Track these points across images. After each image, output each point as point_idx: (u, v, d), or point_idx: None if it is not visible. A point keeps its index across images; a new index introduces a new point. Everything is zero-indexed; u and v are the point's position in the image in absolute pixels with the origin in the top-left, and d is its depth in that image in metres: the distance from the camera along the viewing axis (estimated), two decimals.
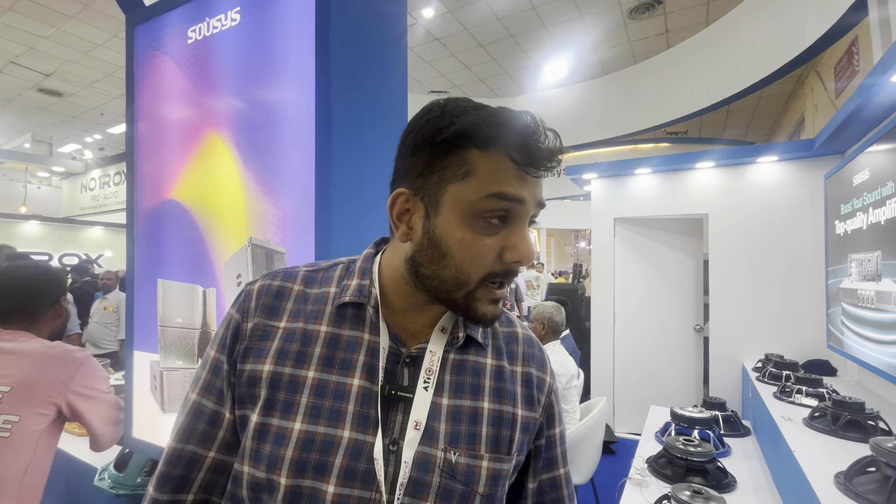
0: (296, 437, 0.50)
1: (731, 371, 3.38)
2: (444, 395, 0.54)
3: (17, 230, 7.66)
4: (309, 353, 0.53)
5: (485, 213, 0.49)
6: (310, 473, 0.49)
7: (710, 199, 3.52)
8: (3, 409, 0.98)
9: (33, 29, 5.55)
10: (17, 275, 1.16)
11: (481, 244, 0.49)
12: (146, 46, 1.22)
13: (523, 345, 0.62)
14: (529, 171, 0.49)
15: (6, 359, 1.04)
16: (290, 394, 0.52)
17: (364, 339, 0.54)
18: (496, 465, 0.53)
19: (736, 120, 8.11)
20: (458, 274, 0.50)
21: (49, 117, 8.29)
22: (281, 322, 0.55)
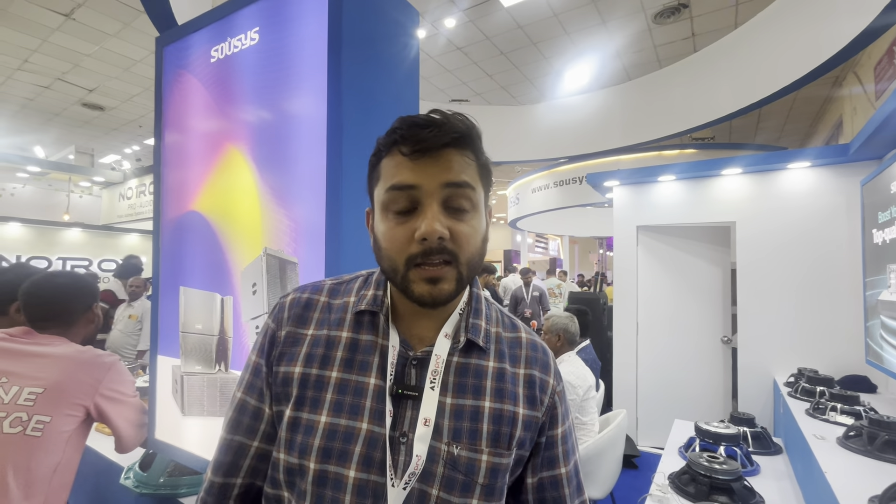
0: (322, 428, 0.57)
1: (762, 385, 3.24)
2: (448, 395, 0.59)
3: (60, 237, 8.09)
4: (332, 356, 0.60)
5: (390, 206, 0.56)
6: (334, 460, 0.56)
7: (737, 206, 3.41)
8: (36, 410, 1.03)
9: (78, 48, 5.88)
10: (54, 283, 1.22)
11: (395, 231, 0.56)
12: (174, 65, 1.29)
13: (526, 349, 0.66)
14: (415, 155, 0.54)
15: (41, 362, 1.10)
16: (316, 391, 0.59)
17: (378, 344, 0.61)
18: (496, 458, 0.58)
19: (768, 124, 7.84)
20: (390, 262, 0.57)
21: (91, 130, 8.75)
22: (309, 330, 0.63)
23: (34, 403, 1.04)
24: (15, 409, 1.01)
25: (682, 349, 3.78)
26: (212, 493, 0.63)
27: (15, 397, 1.03)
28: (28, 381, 1.05)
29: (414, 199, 0.55)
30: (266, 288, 1.02)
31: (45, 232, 7.86)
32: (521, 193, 8.99)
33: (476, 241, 0.57)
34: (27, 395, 1.04)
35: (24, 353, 1.10)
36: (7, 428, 0.99)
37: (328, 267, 0.92)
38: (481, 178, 0.59)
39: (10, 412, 1.01)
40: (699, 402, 3.70)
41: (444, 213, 0.55)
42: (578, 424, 2.32)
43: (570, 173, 7.66)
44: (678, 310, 3.81)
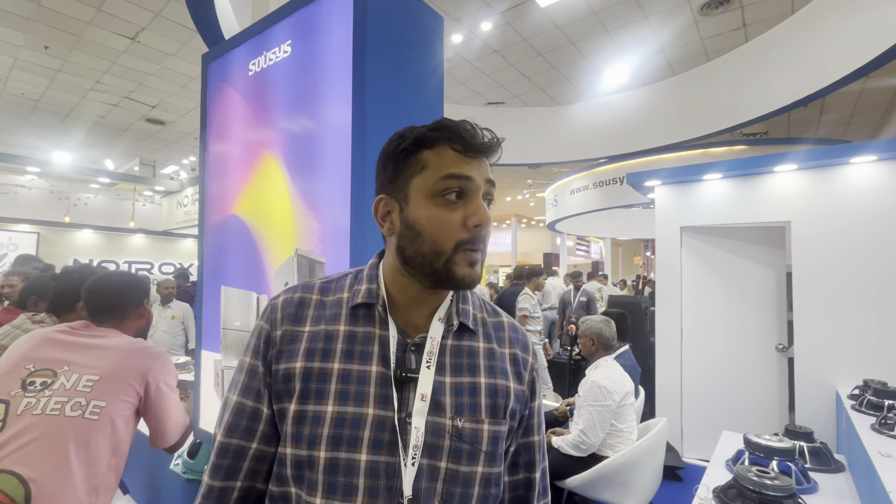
0: (329, 417, 0.59)
1: (823, 397, 3.00)
2: (447, 375, 0.64)
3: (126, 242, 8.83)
4: (332, 349, 0.63)
5: (442, 192, 0.60)
6: (344, 446, 0.58)
7: (793, 204, 3.19)
8: (93, 396, 1.13)
9: (142, 68, 6.39)
10: (110, 280, 1.34)
11: (446, 217, 0.60)
12: (217, 80, 1.38)
13: (509, 331, 0.72)
14: (468, 154, 0.61)
15: (97, 352, 1.21)
16: (320, 383, 0.61)
17: (376, 334, 0.64)
18: (495, 427, 0.64)
19: (831, 116, 7.27)
20: (433, 246, 0.60)
21: (153, 143, 9.46)
22: (305, 327, 0.65)
23: (91, 389, 1.14)
24: (75, 395, 1.12)
25: (731, 357, 3.57)
26: (210, 498, 0.64)
27: (75, 384, 1.14)
28: (86, 370, 1.16)
29: (466, 190, 0.61)
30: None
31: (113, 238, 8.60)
32: (560, 195, 8.82)
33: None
34: (85, 382, 1.14)
35: (83, 344, 1.22)
36: (68, 412, 1.10)
37: (353, 266, 0.95)
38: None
39: (71, 397, 1.12)
40: (751, 414, 3.47)
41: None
42: (614, 432, 2.24)
43: (611, 173, 7.44)
44: (727, 315, 3.60)
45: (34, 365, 1.16)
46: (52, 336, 1.22)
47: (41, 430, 1.06)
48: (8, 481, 0.99)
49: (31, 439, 1.04)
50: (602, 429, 2.19)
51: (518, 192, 13.82)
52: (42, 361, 1.17)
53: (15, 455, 1.02)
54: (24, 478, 1.00)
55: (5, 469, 1.00)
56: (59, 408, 1.09)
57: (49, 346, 1.20)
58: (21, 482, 0.99)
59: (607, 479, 2.14)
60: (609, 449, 2.24)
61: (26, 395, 1.10)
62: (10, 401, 1.10)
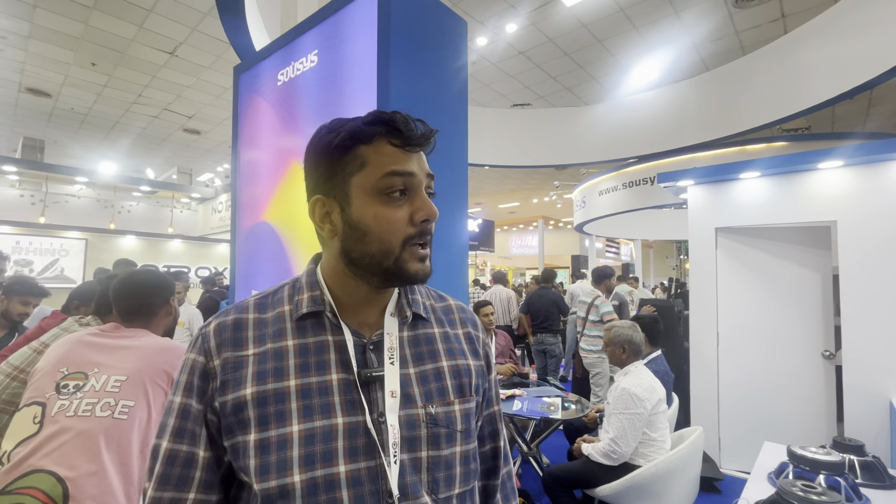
0: (297, 437, 0.56)
1: (875, 408, 2.81)
2: (410, 366, 0.64)
3: (165, 247, 9.26)
4: (284, 366, 0.59)
5: (386, 190, 0.59)
6: (319, 463, 0.56)
7: (839, 203, 3.02)
8: (122, 396, 1.17)
9: (180, 80, 6.68)
10: (137, 280, 1.37)
11: (392, 215, 0.59)
12: (247, 90, 1.43)
13: (457, 312, 0.74)
14: (407, 148, 0.60)
15: (124, 353, 1.24)
16: (279, 405, 0.57)
17: (330, 341, 0.62)
18: (465, 405, 0.66)
19: (882, 109, 6.85)
20: (381, 245, 0.59)
21: (190, 152, 9.87)
22: (249, 350, 0.60)
23: (119, 390, 1.18)
24: (104, 396, 1.16)
25: (772, 364, 3.40)
26: None
27: (104, 385, 1.18)
28: (114, 371, 1.20)
29: (409, 186, 0.60)
30: None
31: (154, 243, 9.04)
32: (588, 196, 8.66)
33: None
34: (113, 383, 1.18)
35: (112, 346, 1.27)
36: (98, 412, 1.14)
37: None
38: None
39: (101, 398, 1.16)
40: (794, 424, 3.29)
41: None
42: (647, 440, 2.17)
43: (641, 174, 7.24)
44: (767, 320, 3.43)
45: (68, 368, 1.21)
46: (84, 339, 1.28)
47: (74, 430, 1.10)
48: (46, 480, 1.03)
49: (65, 440, 1.09)
50: (633, 438, 2.13)
51: (545, 194, 13.66)
52: (75, 364, 1.22)
53: (52, 455, 1.07)
54: (62, 476, 1.04)
55: (43, 469, 1.05)
56: (90, 409, 1.14)
57: (81, 349, 1.25)
58: (59, 481, 1.04)
59: (640, 489, 2.07)
60: (641, 458, 2.17)
61: (60, 398, 1.16)
62: (46, 403, 1.15)
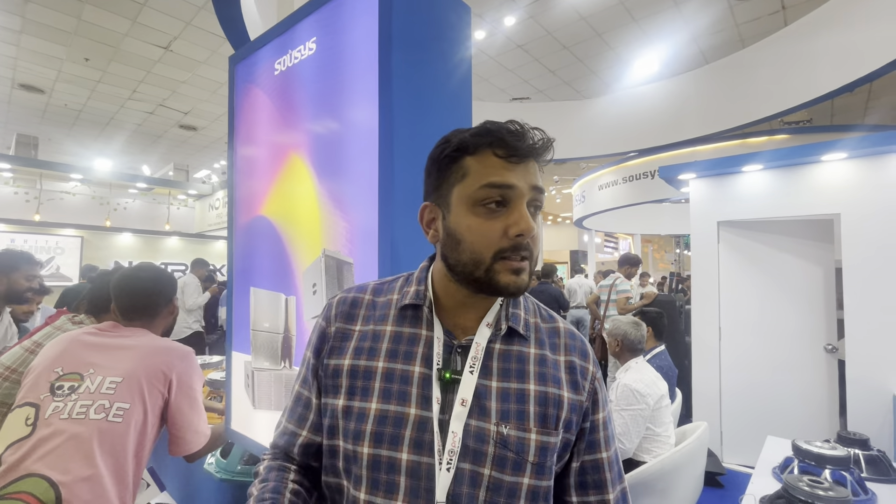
0: (373, 414, 0.61)
1: (877, 401, 2.80)
2: (493, 379, 0.63)
3: (161, 244, 9.19)
4: (378, 348, 0.65)
5: (483, 201, 0.59)
6: (386, 444, 0.60)
7: (842, 196, 2.99)
8: (117, 398, 1.13)
9: (175, 76, 6.61)
10: (140, 277, 1.32)
11: (486, 226, 0.59)
12: (244, 81, 1.39)
13: (565, 337, 0.70)
14: (512, 160, 0.59)
15: (121, 353, 1.20)
16: (366, 381, 0.63)
17: (422, 335, 0.65)
18: (544, 437, 0.61)
19: (881, 101, 6.83)
20: (472, 255, 0.60)
21: (187, 148, 9.79)
22: (357, 326, 0.68)
23: (115, 391, 1.13)
24: (99, 398, 1.12)
25: (774, 358, 3.38)
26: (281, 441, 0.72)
27: (99, 386, 1.14)
28: (109, 372, 1.16)
29: (507, 198, 0.59)
30: (325, 288, 1.05)
31: (151, 240, 8.96)
32: (588, 191, 8.63)
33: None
34: (108, 385, 1.14)
35: (108, 345, 1.22)
36: (93, 414, 1.10)
37: (381, 266, 0.93)
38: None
39: (96, 400, 1.12)
40: (797, 418, 3.29)
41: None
42: (651, 436, 2.15)
43: (641, 167, 7.21)
44: (769, 314, 3.42)
45: (63, 368, 1.17)
46: (80, 338, 1.23)
47: (68, 433, 1.07)
48: (38, 484, 1.00)
49: (59, 443, 1.05)
50: (637, 434, 2.11)
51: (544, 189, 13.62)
52: (70, 364, 1.17)
53: (45, 459, 1.03)
54: (54, 481, 1.01)
55: (35, 472, 1.01)
56: (84, 411, 1.10)
57: (77, 349, 1.21)
58: (51, 485, 1.01)
59: (645, 485, 2.05)
60: (646, 454, 2.15)
61: (54, 400, 1.12)
62: (39, 405, 1.12)
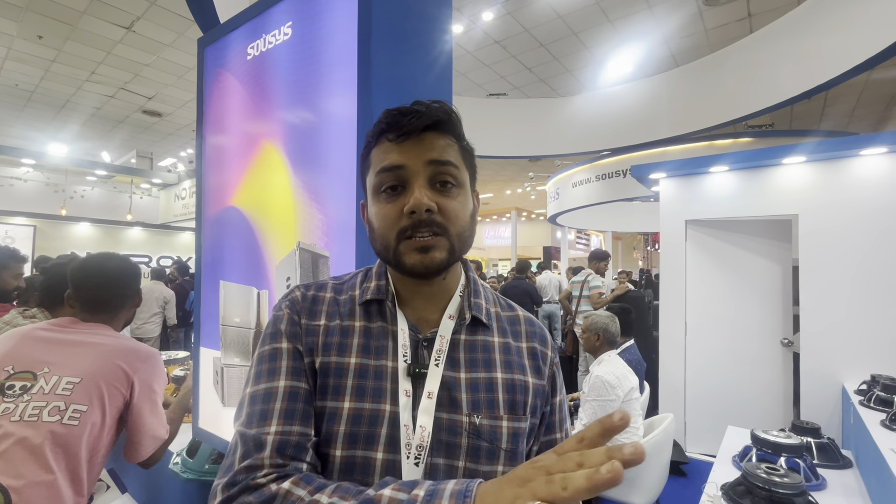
0: (346, 414, 0.58)
1: (828, 392, 2.97)
2: (461, 371, 0.62)
3: (123, 235, 8.77)
4: (349, 343, 0.62)
5: (380, 188, 0.60)
6: (360, 444, 0.57)
7: (800, 198, 3.14)
8: (73, 399, 1.05)
9: (139, 58, 6.28)
10: (106, 268, 1.22)
11: (386, 209, 0.59)
12: (214, 65, 1.32)
13: (525, 324, 0.70)
14: (400, 139, 0.58)
15: (80, 351, 1.12)
16: (337, 378, 0.60)
17: (389, 329, 0.63)
18: (514, 424, 0.62)
19: (835, 109, 7.21)
20: (382, 240, 0.60)
21: (151, 135, 9.35)
22: (321, 321, 0.64)
23: (71, 393, 1.06)
24: (54, 399, 1.05)
25: (735, 351, 3.54)
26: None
27: (54, 387, 1.06)
28: (66, 371, 1.08)
29: (402, 179, 0.58)
30: (299, 281, 1.02)
31: (111, 231, 8.54)
32: (562, 188, 8.76)
33: (464, 216, 0.61)
34: (65, 385, 1.06)
35: (65, 342, 1.13)
36: (46, 416, 1.03)
37: (359, 260, 0.90)
38: (464, 159, 0.63)
39: (50, 402, 1.04)
40: (755, 409, 3.45)
41: (431, 189, 0.59)
42: None
43: (613, 166, 7.37)
44: (732, 309, 3.57)
45: (14, 367, 1.09)
46: (33, 334, 1.15)
47: (17, 436, 1.00)
48: None
49: (7, 447, 0.99)
50: None
51: (519, 185, 13.75)
52: (22, 362, 1.09)
53: None
54: (4, 486, 0.95)
55: None
56: (36, 413, 1.03)
57: (30, 346, 1.12)
58: (1, 491, 0.95)
59: None
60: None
61: (4, 401, 1.04)
62: None
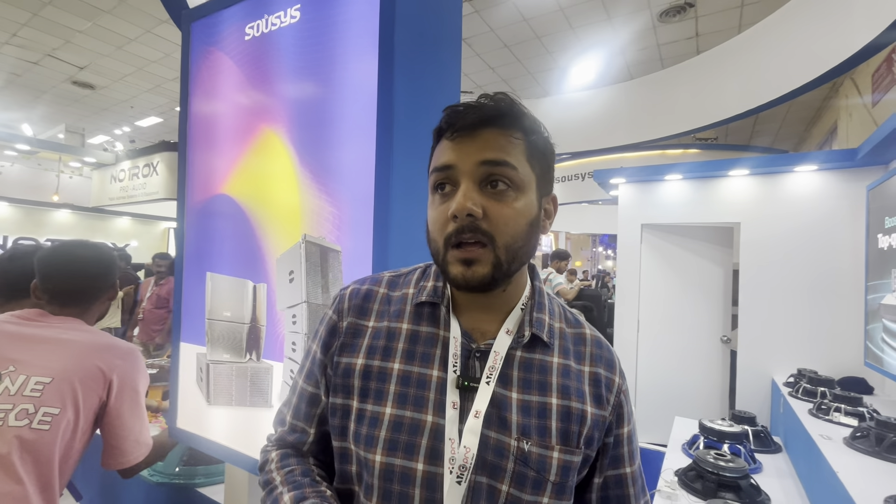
0: (387, 419, 0.57)
1: (760, 385, 3.29)
2: (514, 390, 0.58)
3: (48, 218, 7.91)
4: (393, 347, 0.60)
5: (434, 188, 0.58)
6: (400, 452, 0.55)
7: (743, 207, 3.44)
8: (44, 401, 0.96)
9: (70, 23, 5.68)
10: (81, 256, 1.12)
11: (436, 212, 0.57)
12: (202, 42, 1.23)
13: (591, 346, 0.64)
14: (455, 136, 0.56)
15: (51, 348, 1.02)
16: (380, 383, 0.59)
17: (440, 335, 0.60)
18: (566, 456, 0.57)
19: (764, 127, 7.92)
20: (432, 244, 0.58)
21: (80, 109, 8.50)
22: (370, 321, 0.63)
23: (41, 394, 0.96)
24: (21, 401, 0.94)
25: (682, 347, 3.82)
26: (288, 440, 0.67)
27: (21, 388, 0.95)
28: (35, 370, 0.98)
29: (453, 179, 0.55)
30: (305, 276, 0.99)
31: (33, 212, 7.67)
32: None
33: (518, 224, 0.55)
34: (34, 386, 0.96)
35: (34, 337, 1.02)
36: (13, 421, 0.92)
37: (376, 257, 0.89)
38: (530, 158, 0.57)
39: (17, 404, 0.94)
40: (697, 400, 3.75)
41: (482, 192, 0.54)
42: None
43: (572, 170, 7.67)
44: (679, 308, 3.85)
45: None
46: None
47: None
48: None
49: None
50: None
51: None
52: None
53: None
54: None
55: None
56: (1, 416, 0.92)
57: None
58: None
59: None
60: None
61: None
62: None
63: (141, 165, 8.06)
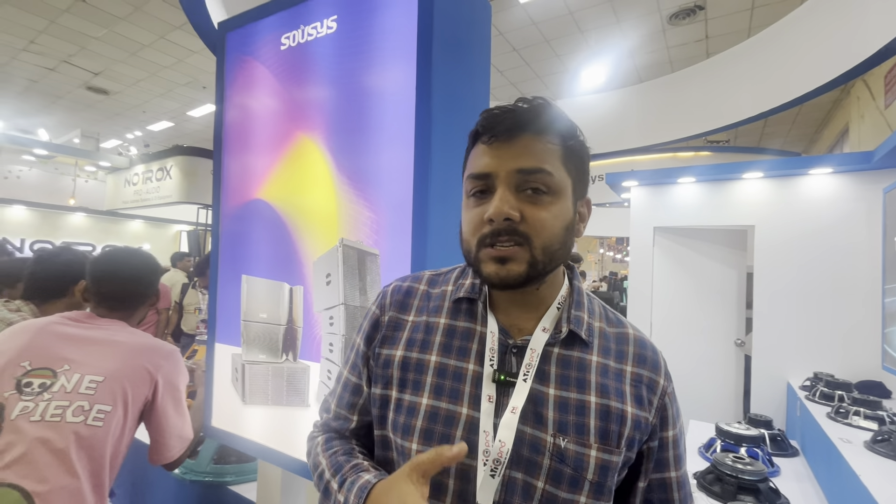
0: (424, 409, 0.59)
1: (775, 388, 3.28)
2: (551, 386, 0.58)
3: (64, 221, 8.03)
4: (431, 341, 0.63)
5: (469, 194, 0.60)
6: (436, 443, 0.56)
7: (757, 210, 3.43)
8: (97, 399, 1.00)
9: (86, 30, 5.79)
10: (130, 263, 1.18)
11: (470, 215, 0.59)
12: (237, 52, 1.27)
13: (634, 345, 0.63)
14: (492, 142, 0.57)
15: (102, 349, 1.07)
16: (417, 374, 0.61)
17: (476, 331, 0.62)
18: (605, 455, 0.56)
19: (774, 129, 7.88)
20: (465, 245, 0.60)
21: (94, 114, 8.64)
22: (410, 316, 0.66)
23: (95, 392, 1.01)
24: (77, 398, 0.99)
25: (695, 351, 3.82)
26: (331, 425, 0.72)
27: (76, 386, 1.00)
28: (89, 369, 1.03)
29: (488, 186, 0.57)
30: (342, 279, 1.01)
31: (49, 215, 7.80)
32: None
33: (554, 227, 0.56)
34: (88, 384, 1.01)
35: (86, 338, 1.07)
36: (70, 417, 0.97)
37: (414, 259, 0.91)
38: (566, 162, 0.58)
39: (73, 401, 0.99)
40: (712, 404, 3.74)
41: (519, 196, 0.56)
42: None
43: None
44: (693, 311, 3.84)
45: (31, 363, 1.01)
46: (49, 328, 1.07)
47: (40, 438, 0.94)
48: (9, 495, 0.87)
49: (30, 449, 0.92)
50: None
51: None
52: (40, 358, 1.02)
53: (15, 467, 0.90)
54: (28, 491, 0.88)
55: (5, 482, 0.88)
56: (59, 413, 0.97)
57: (47, 340, 1.05)
58: (24, 496, 0.88)
59: None
60: None
61: (22, 399, 0.97)
62: (3, 404, 0.96)
63: (154, 169, 8.17)
